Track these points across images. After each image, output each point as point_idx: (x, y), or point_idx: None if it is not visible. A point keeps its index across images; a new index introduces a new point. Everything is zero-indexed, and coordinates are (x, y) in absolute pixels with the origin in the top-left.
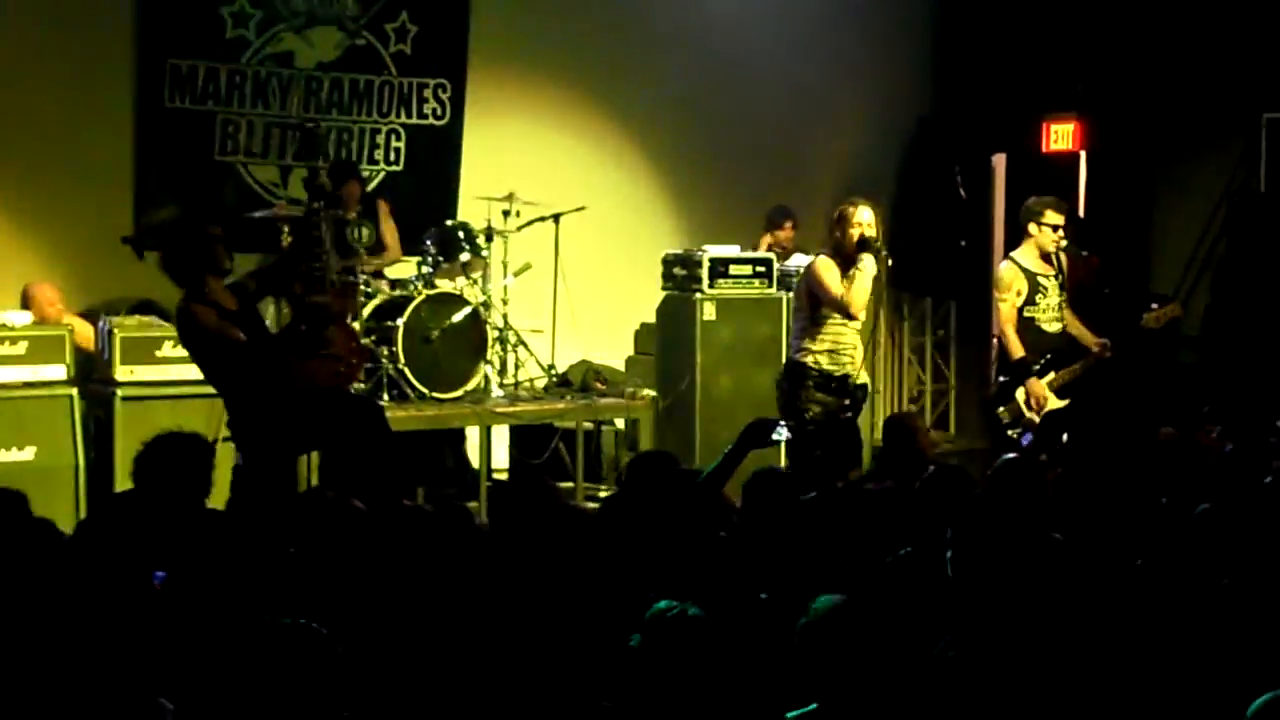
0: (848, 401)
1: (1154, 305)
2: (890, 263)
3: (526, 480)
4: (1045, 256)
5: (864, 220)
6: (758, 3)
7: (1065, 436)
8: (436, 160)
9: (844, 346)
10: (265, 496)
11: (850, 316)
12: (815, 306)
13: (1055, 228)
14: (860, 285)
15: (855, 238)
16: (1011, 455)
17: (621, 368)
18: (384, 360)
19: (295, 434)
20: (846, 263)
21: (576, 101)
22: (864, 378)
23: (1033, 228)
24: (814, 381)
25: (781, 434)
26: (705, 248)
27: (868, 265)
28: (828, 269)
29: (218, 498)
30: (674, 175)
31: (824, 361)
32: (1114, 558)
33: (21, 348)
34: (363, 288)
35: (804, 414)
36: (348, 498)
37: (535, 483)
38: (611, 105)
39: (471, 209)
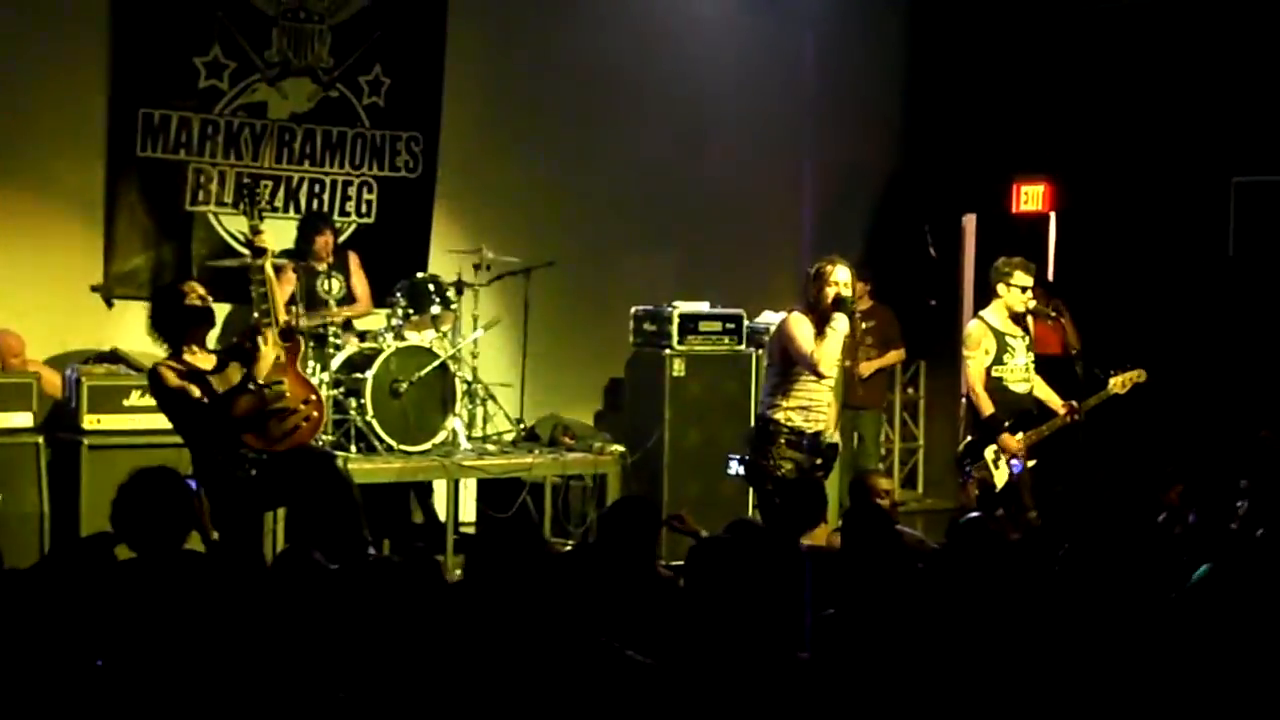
0: (819, 460)
1: (1119, 369)
2: (864, 326)
3: (515, 524)
4: (1014, 317)
5: (841, 280)
6: (727, 61)
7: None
8: (408, 213)
9: (816, 404)
10: (230, 553)
11: (819, 375)
12: (787, 363)
13: (1024, 289)
14: (831, 344)
15: (831, 296)
16: (973, 515)
17: (590, 422)
18: (352, 412)
19: (256, 491)
20: (821, 320)
21: (548, 156)
22: (835, 437)
23: (1001, 288)
24: (785, 439)
25: (734, 469)
26: (675, 303)
27: (840, 325)
28: (800, 326)
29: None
30: (643, 231)
31: (795, 419)
32: (1078, 617)
33: None
34: (332, 339)
35: (774, 470)
36: (309, 553)
37: (524, 527)
38: (582, 161)
39: (442, 262)
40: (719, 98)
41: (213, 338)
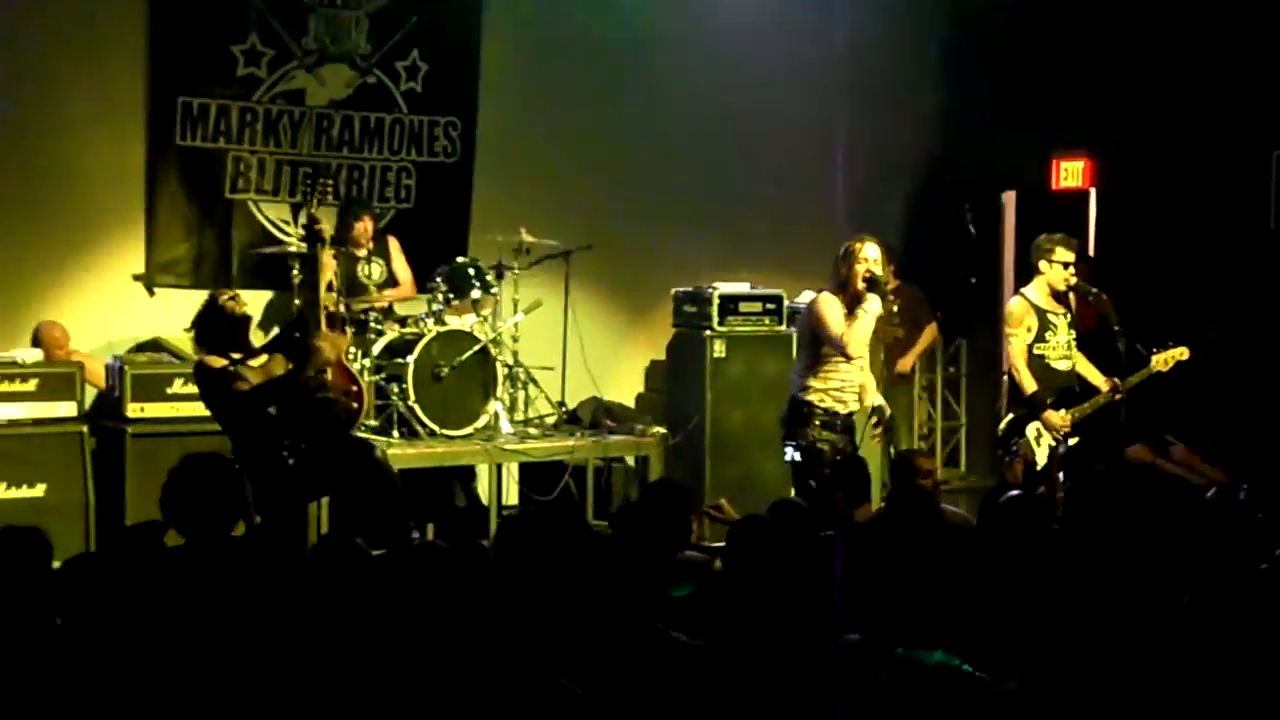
0: (856, 440)
1: (1161, 347)
2: (895, 308)
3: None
4: (1056, 294)
5: (870, 257)
6: (766, 42)
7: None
8: (447, 198)
9: (848, 384)
10: (277, 540)
11: (847, 356)
12: (818, 343)
13: (1065, 265)
14: (862, 325)
15: (861, 274)
16: (1014, 492)
17: (631, 405)
18: (394, 397)
19: (298, 479)
20: (852, 300)
21: (586, 139)
22: (879, 399)
23: (1043, 265)
24: (820, 420)
25: (790, 454)
26: (715, 284)
27: (872, 306)
28: (830, 306)
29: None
30: (683, 212)
31: (828, 400)
32: (1118, 594)
33: (32, 385)
34: (373, 325)
35: (810, 448)
36: (350, 538)
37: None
38: (621, 142)
39: (482, 246)
40: (755, 78)
41: (255, 322)
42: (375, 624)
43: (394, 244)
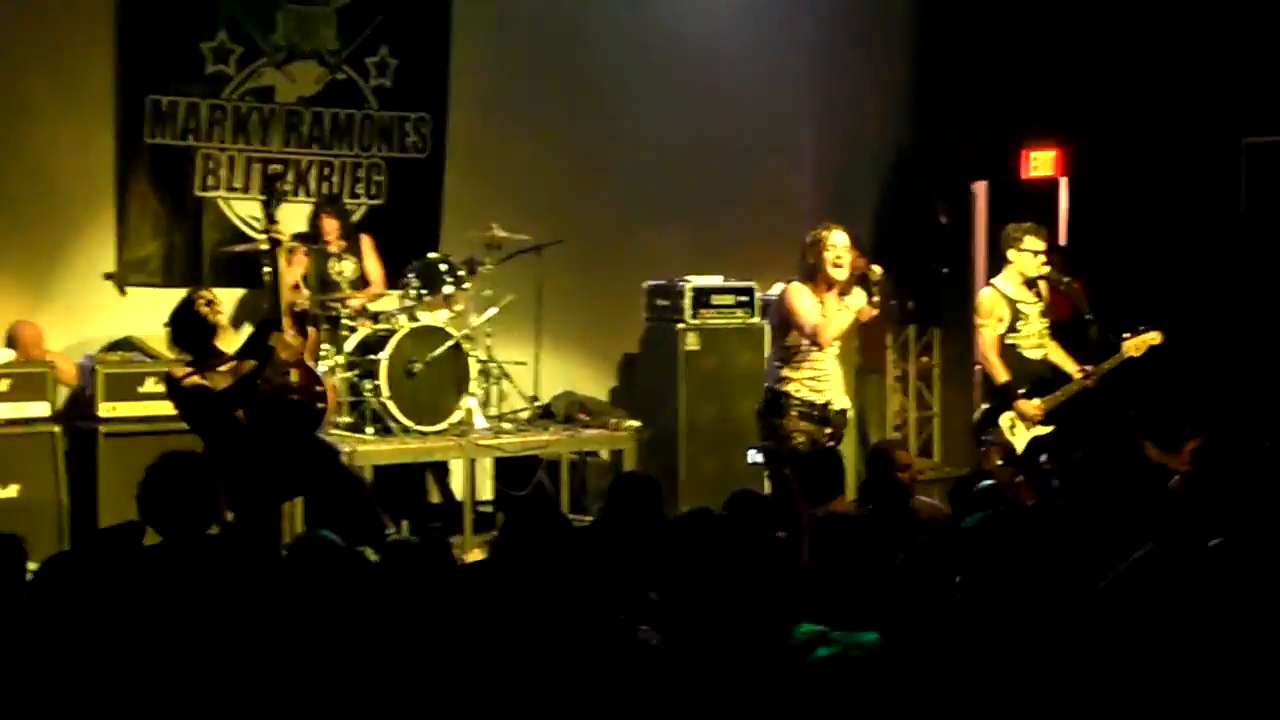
0: (829, 430)
1: (1132, 332)
2: (877, 310)
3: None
4: (1027, 283)
5: (838, 243)
6: (734, 32)
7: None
8: (418, 194)
9: (822, 373)
10: (251, 539)
11: (819, 345)
12: (789, 333)
13: (1035, 253)
14: (838, 319)
15: (828, 263)
16: (987, 483)
17: (605, 398)
18: (367, 394)
19: (270, 480)
20: (820, 286)
21: (557, 133)
22: (844, 402)
23: (1013, 254)
24: (797, 410)
25: (753, 457)
26: (688, 278)
27: (854, 301)
28: (800, 295)
29: None
30: (655, 206)
31: (804, 390)
32: (1096, 582)
33: (4, 385)
34: (345, 321)
35: (788, 441)
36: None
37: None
38: (591, 136)
39: (454, 242)
40: (724, 70)
41: (228, 318)
42: (347, 620)
43: (367, 242)
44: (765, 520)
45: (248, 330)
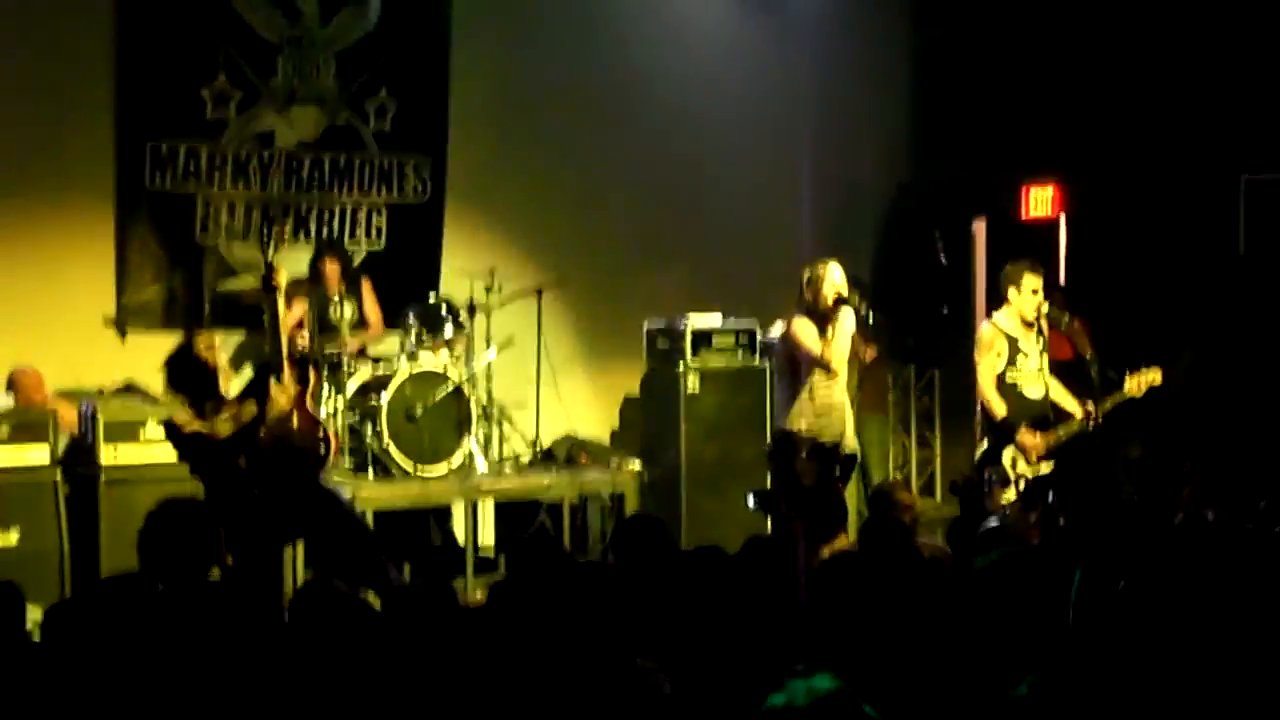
0: (838, 471)
1: (1134, 370)
2: (871, 317)
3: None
4: (1026, 322)
5: (835, 279)
6: (730, 74)
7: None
8: (418, 237)
9: (833, 407)
10: (252, 585)
11: (831, 370)
12: (797, 370)
13: (1034, 291)
14: (840, 339)
15: (829, 296)
16: (994, 523)
17: (606, 441)
18: (368, 437)
19: (272, 525)
20: (822, 321)
21: (556, 176)
22: (853, 445)
23: (1012, 293)
24: (807, 450)
25: (752, 503)
26: (688, 318)
27: (846, 319)
28: (804, 328)
29: None
30: (654, 247)
31: (815, 427)
32: (1102, 622)
33: (4, 430)
34: (346, 365)
35: (798, 481)
36: (331, 582)
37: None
38: (590, 178)
39: (454, 284)
40: (722, 111)
41: (227, 360)
42: (353, 666)
43: (366, 285)
44: (774, 566)
45: (249, 374)
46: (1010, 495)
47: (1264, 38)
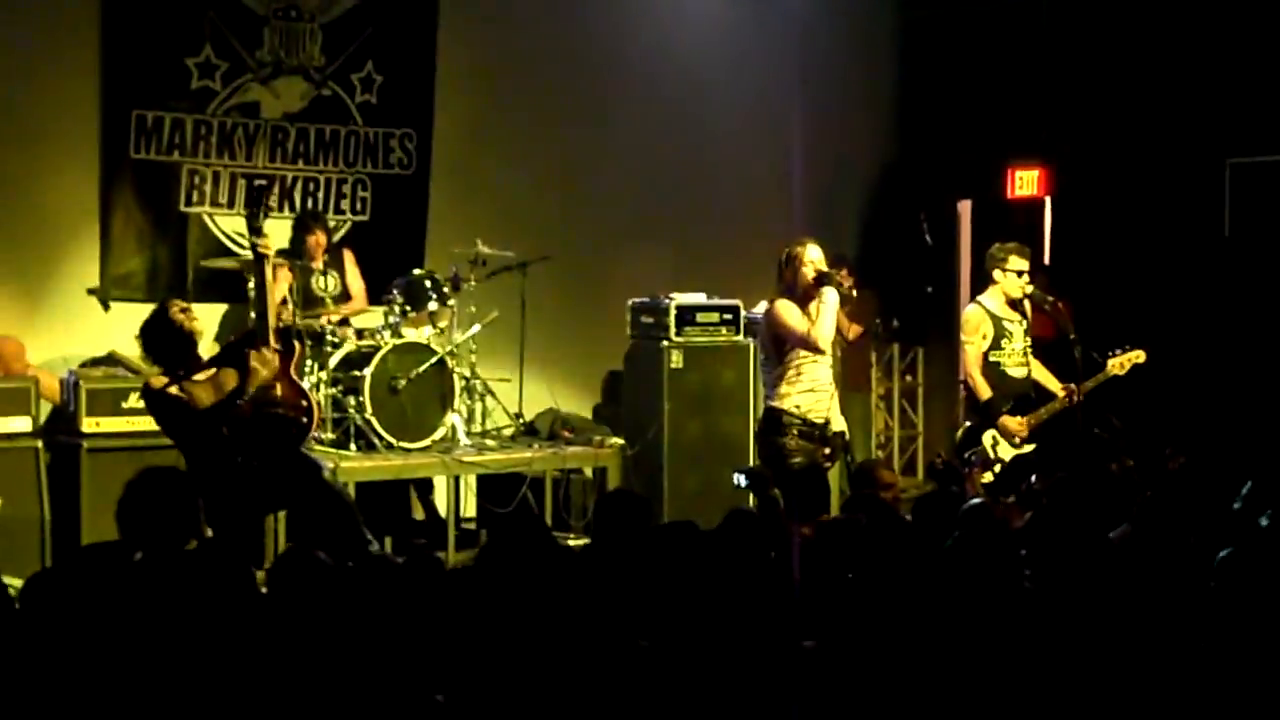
0: (828, 450)
1: (1117, 351)
2: (855, 293)
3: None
4: (1011, 302)
5: (814, 258)
6: (717, 51)
7: (1033, 479)
8: (403, 210)
9: (820, 384)
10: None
11: (819, 351)
12: (782, 350)
13: (1020, 273)
14: (825, 318)
15: (809, 275)
16: (976, 501)
17: (589, 416)
18: (351, 410)
19: (251, 493)
20: (803, 301)
21: (541, 151)
22: (840, 424)
23: (997, 274)
24: (797, 430)
25: (739, 480)
26: (672, 295)
27: (829, 298)
28: (788, 309)
29: None
30: (640, 223)
31: (803, 405)
32: (1084, 602)
33: None
34: (329, 338)
35: (787, 461)
36: (311, 552)
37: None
38: (576, 154)
39: (438, 258)
40: (709, 88)
41: (210, 335)
42: (333, 637)
43: (349, 257)
44: (758, 540)
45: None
46: (990, 477)
47: (1250, 22)
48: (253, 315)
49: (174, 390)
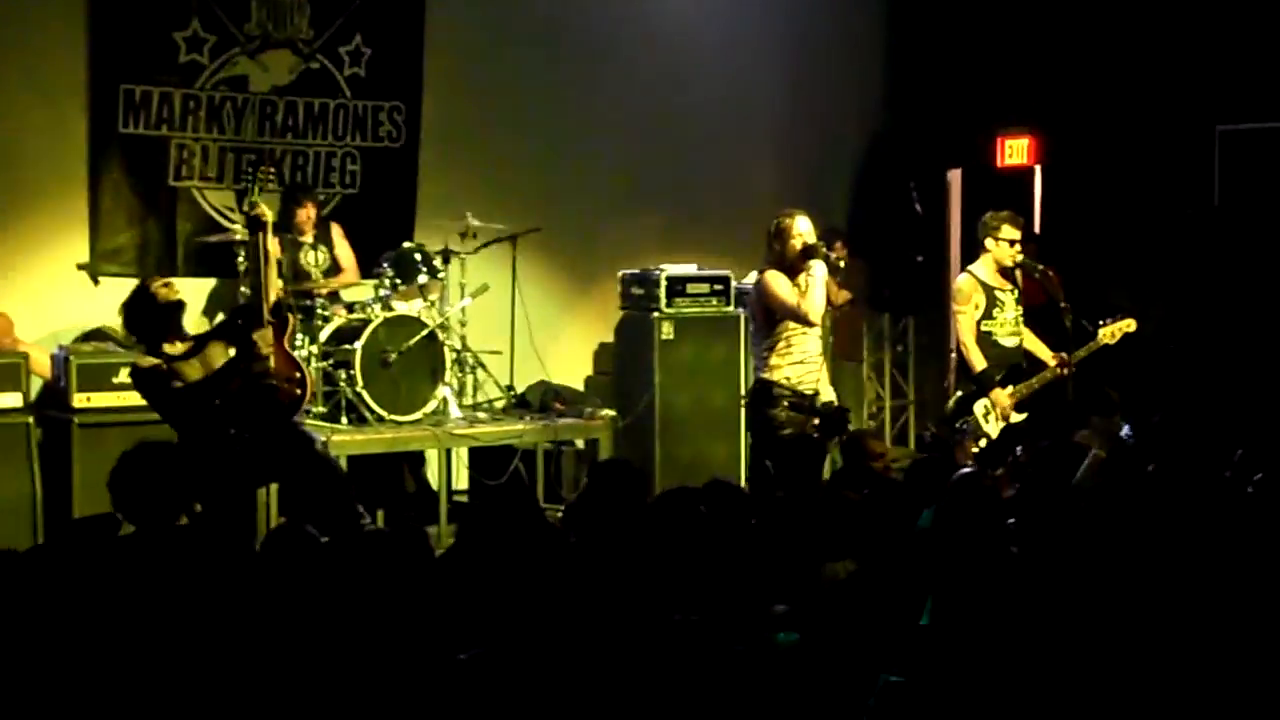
0: (816, 421)
1: (1108, 319)
2: (842, 264)
3: (510, 493)
4: (1002, 271)
5: (802, 230)
6: (708, 22)
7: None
8: (392, 183)
9: (810, 356)
10: (222, 528)
11: (809, 324)
12: (772, 322)
13: (1012, 242)
14: (814, 290)
15: (797, 247)
16: (967, 470)
17: (580, 387)
18: (342, 383)
19: (243, 467)
20: (792, 273)
21: (531, 122)
22: (830, 394)
23: (989, 242)
24: (788, 401)
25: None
26: (663, 266)
27: (818, 270)
28: (777, 281)
29: None
30: (629, 195)
31: (793, 376)
32: (1074, 570)
33: None
34: (319, 311)
35: (777, 432)
36: (302, 527)
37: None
38: (565, 125)
39: (428, 231)
40: (698, 59)
41: (198, 310)
42: (323, 610)
43: (337, 230)
44: (740, 509)
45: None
46: (981, 445)
47: None
48: (244, 290)
49: (161, 367)
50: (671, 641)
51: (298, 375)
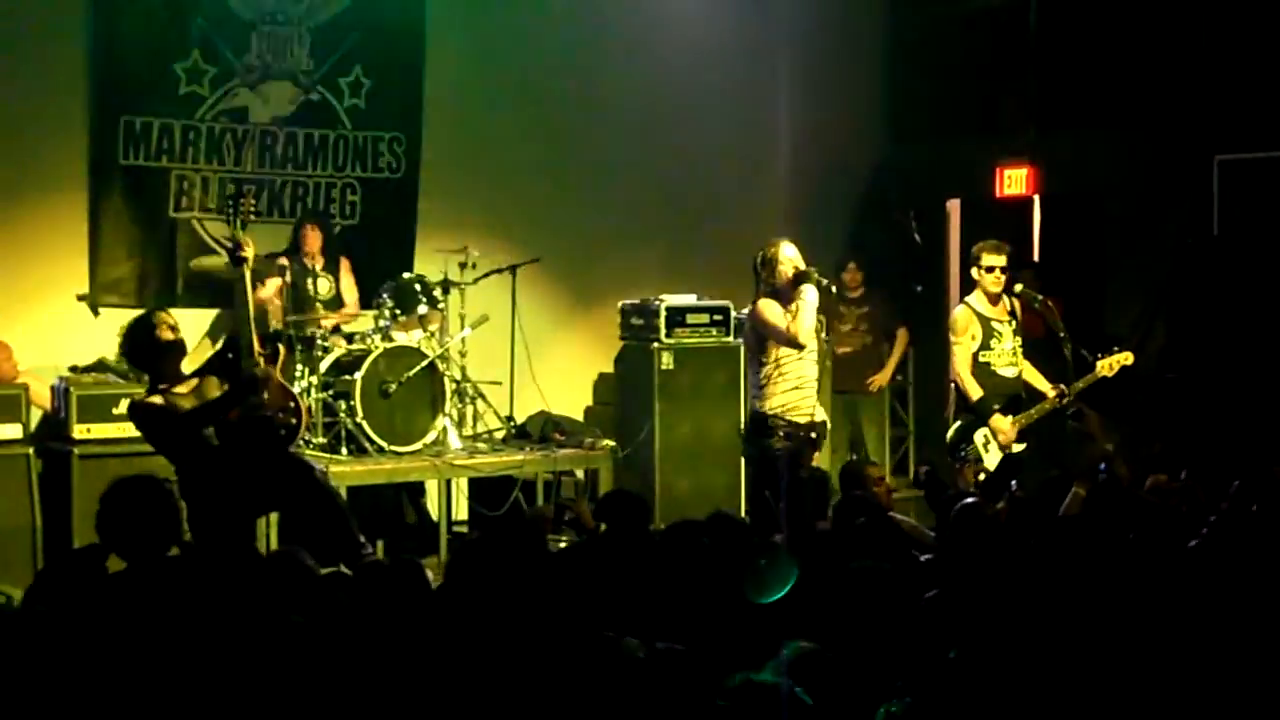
0: (813, 449)
1: (1102, 355)
2: (834, 290)
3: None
4: (996, 301)
5: (789, 255)
6: (709, 51)
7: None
8: (392, 214)
9: (805, 380)
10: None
11: (799, 346)
12: (766, 349)
13: (991, 269)
14: (805, 315)
15: (788, 274)
16: (970, 500)
17: (580, 418)
18: (342, 414)
19: (243, 498)
20: (785, 300)
21: (531, 153)
22: (821, 415)
23: (974, 272)
24: (783, 431)
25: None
26: (662, 297)
27: (809, 295)
28: (769, 308)
29: None
30: (629, 225)
31: (789, 403)
32: (1065, 602)
33: None
34: (320, 342)
35: (775, 464)
36: (298, 556)
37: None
38: (565, 155)
39: (428, 262)
40: (698, 89)
41: (198, 340)
42: (320, 641)
43: (345, 265)
44: (744, 542)
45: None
46: (981, 476)
47: (1238, 18)
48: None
49: (158, 400)
50: (668, 674)
51: (292, 405)
